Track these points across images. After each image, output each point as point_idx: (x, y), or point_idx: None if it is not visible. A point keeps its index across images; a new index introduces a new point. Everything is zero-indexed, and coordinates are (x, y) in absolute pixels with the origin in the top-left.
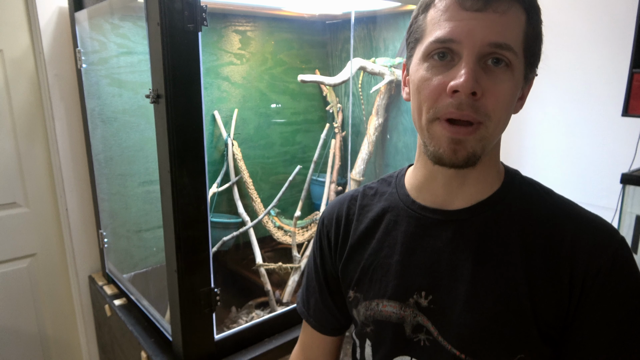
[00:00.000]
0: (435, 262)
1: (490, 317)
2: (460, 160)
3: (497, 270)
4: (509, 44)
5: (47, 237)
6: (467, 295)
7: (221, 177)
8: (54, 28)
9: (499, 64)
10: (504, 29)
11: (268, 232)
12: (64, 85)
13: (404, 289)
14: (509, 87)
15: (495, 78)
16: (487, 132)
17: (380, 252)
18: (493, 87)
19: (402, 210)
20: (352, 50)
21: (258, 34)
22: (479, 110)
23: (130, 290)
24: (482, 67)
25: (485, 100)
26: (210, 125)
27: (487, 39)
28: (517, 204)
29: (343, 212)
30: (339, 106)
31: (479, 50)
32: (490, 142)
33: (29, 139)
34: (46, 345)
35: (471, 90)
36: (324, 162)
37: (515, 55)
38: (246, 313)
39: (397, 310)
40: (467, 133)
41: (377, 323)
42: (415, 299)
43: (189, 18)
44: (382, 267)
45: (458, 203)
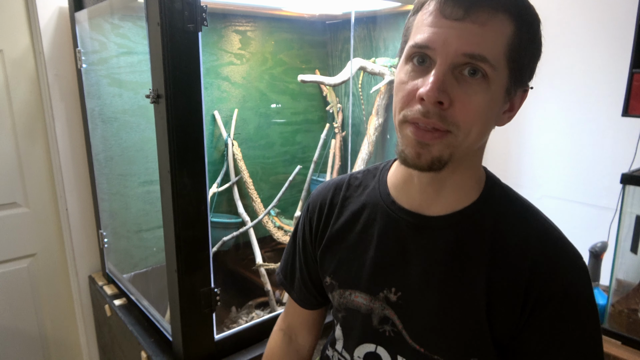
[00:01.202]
0: (407, 263)
1: (451, 322)
2: (423, 163)
3: (463, 281)
4: (483, 55)
5: (47, 237)
6: (433, 299)
7: (221, 177)
8: (54, 28)
9: (475, 75)
10: (481, 40)
11: (268, 232)
12: (64, 85)
13: (376, 284)
14: (482, 98)
15: (467, 88)
16: (455, 141)
17: (357, 247)
18: (464, 98)
19: (381, 209)
20: (352, 50)
21: (258, 34)
22: (446, 119)
23: (130, 290)
24: (457, 77)
25: (454, 109)
26: (211, 125)
27: (461, 49)
28: (491, 217)
29: (327, 201)
30: (339, 106)
31: (452, 60)
32: (460, 150)
33: (29, 139)
34: (46, 345)
35: (435, 100)
36: (324, 162)
37: (492, 68)
38: (246, 313)
39: (367, 302)
40: (432, 138)
41: (348, 310)
42: (385, 294)
43: (189, 18)
44: (358, 260)
45: (435, 209)
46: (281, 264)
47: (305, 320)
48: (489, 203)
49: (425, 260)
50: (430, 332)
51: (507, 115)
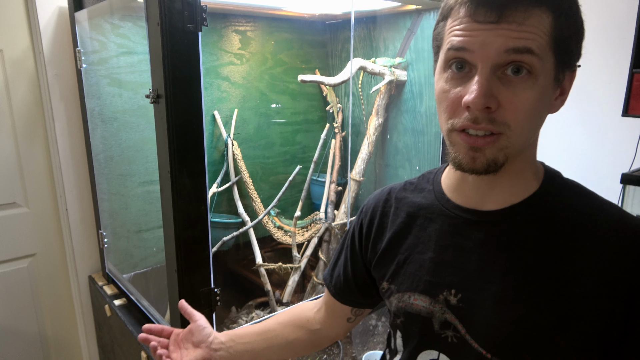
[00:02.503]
0: (465, 261)
1: (516, 321)
2: (479, 167)
3: (526, 276)
4: (529, 47)
5: (47, 237)
6: (495, 297)
7: (221, 177)
8: (54, 28)
9: (520, 73)
10: (522, 36)
11: (268, 232)
12: (64, 85)
13: (435, 286)
14: (531, 96)
15: (514, 88)
16: (508, 142)
17: (415, 247)
18: (512, 98)
19: (437, 208)
20: (352, 50)
21: (258, 34)
22: (496, 121)
23: (130, 290)
24: (500, 78)
25: (503, 111)
26: (210, 125)
27: (503, 47)
28: (554, 208)
29: (379, 206)
30: (339, 106)
31: (494, 60)
32: (514, 149)
33: (29, 139)
34: (46, 345)
35: (483, 106)
36: (324, 162)
37: (538, 60)
38: (246, 313)
39: (427, 305)
40: (485, 143)
41: (407, 315)
42: (445, 296)
43: (189, 18)
44: (416, 262)
45: (491, 204)
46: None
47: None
48: (549, 193)
49: (484, 255)
50: (495, 331)
51: (560, 100)
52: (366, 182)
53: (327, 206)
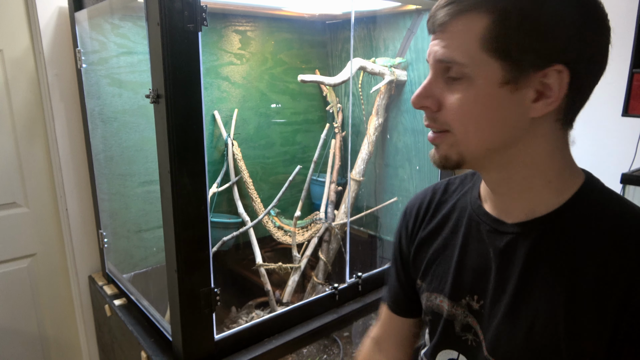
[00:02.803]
0: (487, 269)
1: (524, 334)
2: (436, 162)
3: (540, 289)
4: (450, 57)
5: (47, 237)
6: (505, 310)
7: (221, 177)
8: (54, 28)
9: (455, 78)
10: (446, 44)
11: (268, 232)
12: (64, 85)
13: (459, 289)
14: (464, 98)
15: (451, 90)
16: (455, 139)
17: (445, 249)
18: (448, 99)
19: (468, 212)
20: (352, 50)
21: (258, 34)
22: (437, 120)
23: (130, 290)
24: (446, 81)
25: (444, 111)
26: (210, 125)
27: (436, 57)
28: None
29: (423, 205)
30: (339, 106)
31: (435, 67)
32: (467, 148)
33: (29, 138)
34: (46, 345)
35: (417, 106)
36: (324, 162)
37: (463, 66)
38: (246, 313)
39: (449, 308)
40: (434, 139)
41: (433, 314)
42: (467, 301)
43: (189, 18)
44: (444, 264)
45: (514, 215)
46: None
47: (395, 330)
48: (577, 208)
49: (503, 268)
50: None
51: (542, 102)
52: (366, 182)
53: (327, 206)
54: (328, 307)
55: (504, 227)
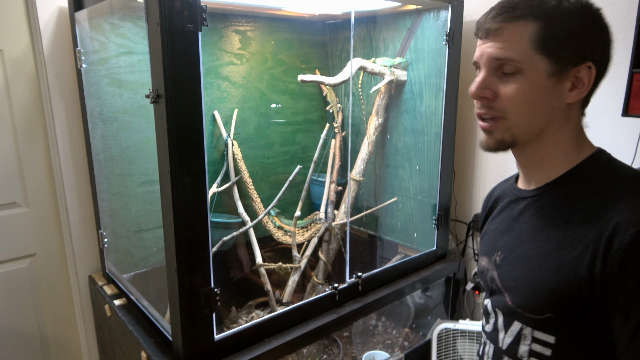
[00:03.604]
0: (510, 229)
1: (531, 272)
2: (492, 146)
3: (546, 237)
4: (506, 56)
5: (47, 237)
6: (518, 257)
7: (221, 177)
8: (54, 28)
9: (510, 71)
10: (502, 46)
11: (268, 232)
12: (64, 85)
13: (491, 249)
14: (519, 87)
15: (506, 82)
16: (509, 124)
17: (492, 222)
18: (503, 89)
19: (507, 190)
20: (352, 50)
21: (258, 34)
22: (493, 108)
23: (130, 290)
24: (499, 76)
25: (500, 100)
26: (210, 125)
27: (491, 56)
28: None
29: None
30: (339, 106)
31: (488, 64)
32: (520, 131)
33: (29, 138)
34: (46, 345)
35: (477, 96)
36: (324, 162)
37: (519, 62)
38: (246, 313)
39: (485, 264)
40: (490, 126)
41: (480, 273)
42: (494, 257)
43: (189, 18)
44: (489, 233)
45: (534, 182)
46: None
47: None
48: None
49: (520, 224)
50: (515, 282)
51: (576, 91)
52: (366, 182)
53: (327, 206)
54: (328, 307)
55: (523, 194)
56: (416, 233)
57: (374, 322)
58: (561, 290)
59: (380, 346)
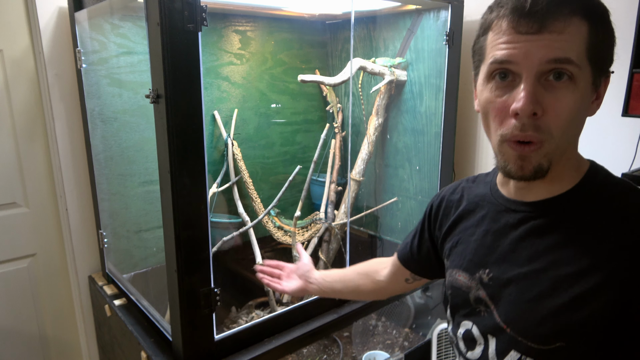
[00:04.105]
0: (500, 244)
1: (539, 297)
2: (527, 174)
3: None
4: (568, 57)
5: (47, 237)
6: (519, 278)
7: (221, 177)
8: (54, 28)
9: (561, 78)
10: (562, 45)
11: (268, 232)
12: (63, 85)
13: (474, 264)
14: (572, 100)
15: (557, 93)
16: (550, 148)
17: (467, 230)
18: (555, 104)
19: (488, 197)
20: (352, 50)
21: (258, 34)
22: (540, 128)
23: (130, 290)
24: (543, 84)
25: (547, 117)
26: (210, 125)
27: (545, 57)
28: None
29: (448, 194)
30: (339, 106)
31: (537, 69)
32: (556, 154)
33: (29, 138)
34: (46, 345)
35: (531, 112)
36: (324, 162)
37: (577, 68)
38: (246, 313)
39: (466, 281)
40: (531, 151)
41: (453, 289)
42: (480, 275)
43: (189, 18)
44: (465, 243)
45: (530, 197)
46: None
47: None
48: (586, 190)
49: (515, 239)
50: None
51: (596, 103)
52: (366, 182)
53: (327, 206)
54: (328, 307)
55: (519, 206)
56: None
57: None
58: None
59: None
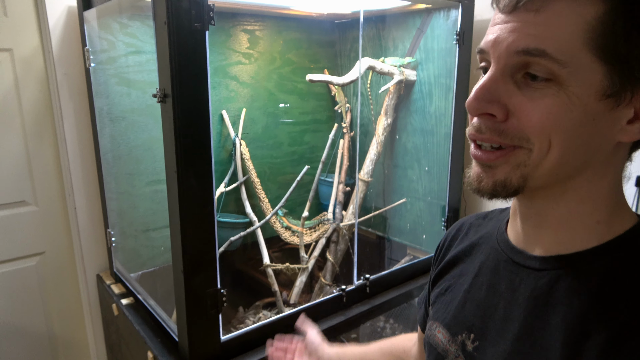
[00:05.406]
0: (493, 305)
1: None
2: (485, 188)
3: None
4: (541, 48)
5: (56, 236)
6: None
7: (229, 177)
8: (63, 27)
9: (537, 79)
10: (537, 30)
11: (275, 232)
12: (72, 84)
13: (458, 323)
14: (552, 103)
15: (532, 93)
16: (528, 158)
17: (460, 277)
18: (527, 104)
19: (492, 241)
20: (361, 50)
21: (266, 34)
22: (505, 133)
23: (138, 289)
24: (518, 82)
25: (517, 120)
26: (218, 125)
27: (512, 47)
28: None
29: (454, 231)
30: (348, 106)
31: (505, 61)
32: (538, 172)
33: (38, 137)
34: (54, 343)
35: (477, 112)
36: (332, 163)
37: (557, 64)
38: (253, 313)
39: (444, 341)
40: (494, 158)
41: (429, 345)
42: (463, 339)
43: (196, 17)
44: (454, 292)
45: (538, 248)
46: None
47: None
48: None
49: (510, 305)
50: None
51: (638, 125)
52: (374, 182)
53: (335, 207)
54: (335, 309)
55: (523, 260)
56: (425, 235)
57: (382, 324)
58: None
59: None
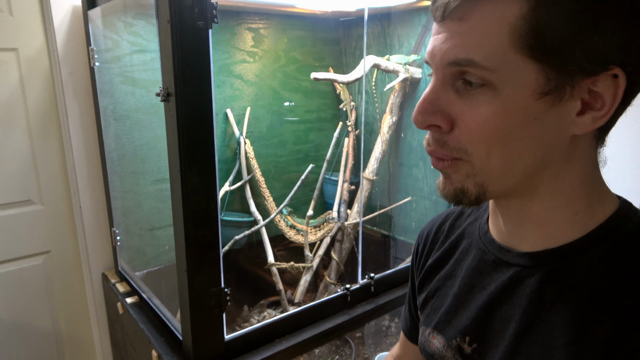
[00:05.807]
0: (486, 307)
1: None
2: (448, 195)
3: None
4: (468, 58)
5: (61, 235)
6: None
7: (233, 176)
8: (68, 26)
9: (472, 85)
10: (462, 41)
11: (280, 231)
12: (77, 83)
13: (452, 327)
14: (486, 112)
15: (471, 100)
16: (472, 169)
17: (447, 280)
18: (467, 113)
19: (475, 239)
20: (366, 48)
21: (271, 32)
22: (447, 145)
23: (142, 288)
24: (459, 89)
25: (458, 131)
26: (223, 124)
27: (445, 58)
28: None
29: (433, 229)
30: (353, 104)
31: (442, 72)
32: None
33: (44, 136)
34: (60, 341)
35: (422, 125)
36: (337, 161)
37: (486, 71)
38: (258, 312)
39: (440, 347)
40: (444, 167)
41: (425, 352)
42: (458, 342)
43: (199, 15)
44: (443, 296)
45: (525, 245)
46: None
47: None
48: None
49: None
50: None
51: (590, 116)
52: (379, 181)
53: (339, 205)
54: (340, 308)
55: (511, 258)
56: None
57: (386, 323)
58: None
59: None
